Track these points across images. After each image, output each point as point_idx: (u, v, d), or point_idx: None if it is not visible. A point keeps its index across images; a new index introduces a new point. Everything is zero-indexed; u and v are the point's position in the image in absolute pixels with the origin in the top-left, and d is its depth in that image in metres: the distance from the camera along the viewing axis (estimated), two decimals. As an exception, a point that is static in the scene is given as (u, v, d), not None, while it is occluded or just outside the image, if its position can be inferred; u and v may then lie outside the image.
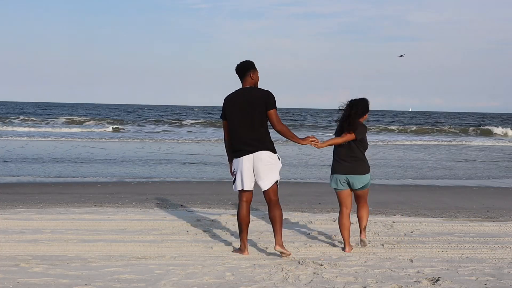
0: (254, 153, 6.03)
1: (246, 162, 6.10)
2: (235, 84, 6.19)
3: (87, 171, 14.79)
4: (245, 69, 6.05)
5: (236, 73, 6.11)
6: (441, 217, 8.93)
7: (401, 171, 16.62)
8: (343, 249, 6.36)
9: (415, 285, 5.07)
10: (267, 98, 5.96)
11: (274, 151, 6.15)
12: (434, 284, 5.08)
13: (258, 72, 6.11)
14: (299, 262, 5.77)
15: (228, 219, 8.05)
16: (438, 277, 5.24)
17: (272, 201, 6.21)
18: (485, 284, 5.12)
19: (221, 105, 6.18)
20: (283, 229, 7.39)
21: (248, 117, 5.95)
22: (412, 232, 7.40)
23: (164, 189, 11.66)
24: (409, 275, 5.38)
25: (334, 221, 8.02)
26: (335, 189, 6.69)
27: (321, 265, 5.66)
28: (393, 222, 8.05)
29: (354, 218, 8.34)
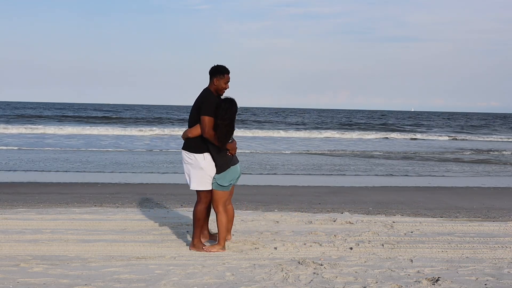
0: (181, 150, 6.24)
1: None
2: (235, 83, 6.21)
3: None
4: (211, 73, 6.16)
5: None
6: (441, 217, 8.93)
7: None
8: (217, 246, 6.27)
9: (415, 285, 5.06)
10: (201, 104, 6.01)
11: (194, 151, 6.08)
12: (434, 284, 5.08)
13: (225, 80, 6.11)
14: (299, 262, 5.76)
15: (228, 219, 8.05)
16: (438, 277, 5.24)
17: (197, 199, 6.27)
18: (485, 284, 5.12)
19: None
20: (283, 231, 7.40)
21: (189, 116, 6.21)
22: (412, 232, 7.40)
23: (164, 189, 11.66)
24: (409, 275, 5.38)
25: (334, 221, 8.03)
26: (229, 185, 6.25)
27: (321, 265, 5.66)
28: (393, 222, 8.05)
29: (354, 217, 8.34)
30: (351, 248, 6.46)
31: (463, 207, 10.15)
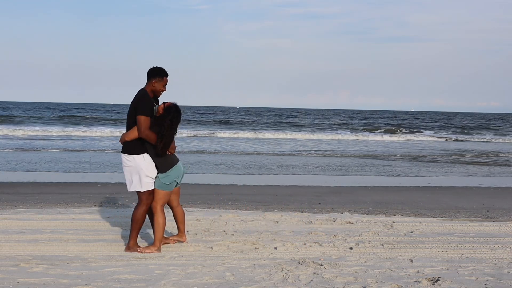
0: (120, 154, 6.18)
1: None
2: (235, 84, 6.23)
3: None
4: (149, 74, 6.08)
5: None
6: (441, 217, 8.93)
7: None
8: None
9: (415, 285, 5.06)
10: (137, 104, 5.93)
11: (133, 152, 6.01)
12: (434, 284, 5.08)
13: (163, 83, 6.07)
14: (299, 262, 5.76)
15: (228, 219, 8.05)
16: (438, 277, 5.24)
17: (138, 201, 6.19)
18: (485, 284, 5.12)
19: (221, 105, 6.21)
20: (283, 231, 7.40)
21: (126, 119, 6.11)
22: (412, 232, 7.40)
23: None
24: (409, 275, 5.38)
25: (334, 221, 8.03)
26: (172, 184, 6.18)
27: (321, 265, 5.65)
28: (393, 222, 8.05)
29: (354, 217, 8.34)
30: (351, 248, 6.46)
31: (463, 207, 10.15)
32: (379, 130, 46.90)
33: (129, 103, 6.05)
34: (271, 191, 11.68)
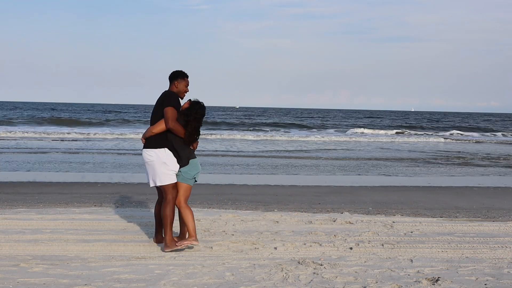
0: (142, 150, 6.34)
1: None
2: (235, 84, 6.26)
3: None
4: (171, 78, 6.31)
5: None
6: (441, 217, 8.93)
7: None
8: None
9: (415, 285, 5.06)
10: (164, 98, 6.15)
11: (155, 146, 6.16)
12: (434, 284, 5.08)
13: (185, 83, 6.29)
14: (299, 262, 5.76)
15: (228, 219, 8.05)
16: (438, 277, 5.24)
17: (163, 199, 6.32)
18: (485, 284, 5.12)
19: (221, 105, 6.27)
20: (283, 231, 7.40)
21: (151, 117, 6.29)
22: (412, 232, 7.40)
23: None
24: (409, 275, 5.38)
25: (334, 221, 8.03)
26: (193, 179, 6.35)
27: (321, 265, 5.66)
28: (393, 222, 8.05)
29: (354, 217, 8.34)
30: (351, 248, 6.46)
31: (463, 207, 10.15)
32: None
33: (129, 103, 6.10)
34: (271, 191, 11.68)
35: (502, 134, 45.99)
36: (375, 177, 15.15)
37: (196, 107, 6.18)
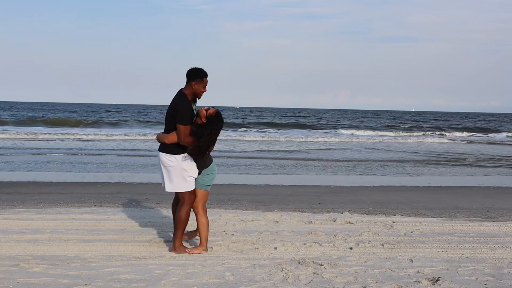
0: (159, 152, 6.16)
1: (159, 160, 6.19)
2: (235, 84, 6.22)
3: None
4: (189, 76, 6.01)
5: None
6: (441, 217, 8.93)
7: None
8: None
9: (415, 285, 5.06)
10: (177, 112, 5.89)
11: (175, 152, 6.00)
12: (434, 284, 5.08)
13: (203, 84, 6.00)
14: (299, 262, 5.76)
15: (228, 219, 8.05)
16: (438, 277, 5.24)
17: (179, 201, 6.20)
18: (485, 284, 5.12)
19: (221, 105, 6.19)
20: (283, 231, 7.40)
21: (165, 117, 6.13)
22: (412, 232, 7.40)
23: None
24: (409, 275, 5.38)
25: (334, 221, 8.03)
26: (210, 185, 6.30)
27: (321, 265, 5.65)
28: (393, 222, 8.05)
29: (354, 217, 8.34)
30: (351, 248, 6.46)
31: (463, 207, 10.15)
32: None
33: (129, 103, 6.05)
34: (271, 191, 11.67)
35: (506, 135, 45.88)
36: (375, 177, 15.15)
37: (218, 124, 5.93)
